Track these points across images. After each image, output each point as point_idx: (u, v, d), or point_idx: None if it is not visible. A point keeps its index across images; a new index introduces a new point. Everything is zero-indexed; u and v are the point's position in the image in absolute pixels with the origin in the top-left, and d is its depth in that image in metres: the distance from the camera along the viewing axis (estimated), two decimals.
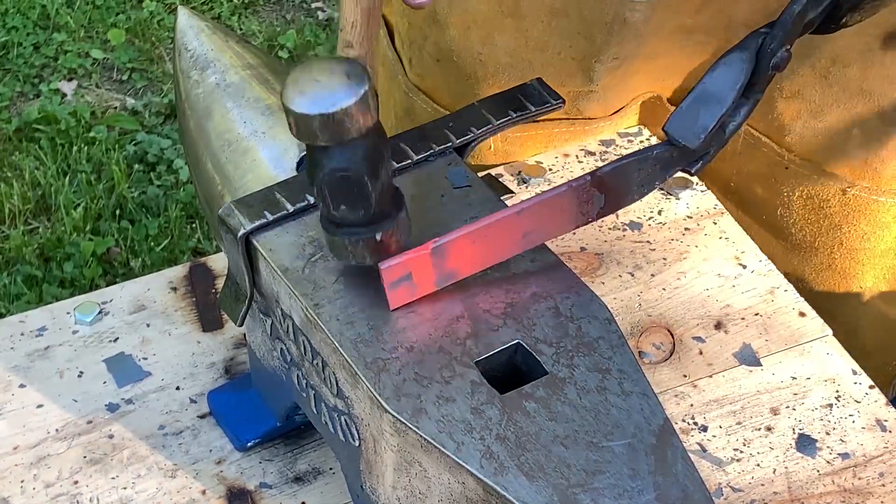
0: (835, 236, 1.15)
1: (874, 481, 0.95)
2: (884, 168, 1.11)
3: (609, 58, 1.10)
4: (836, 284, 1.19)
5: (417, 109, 1.21)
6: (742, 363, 1.02)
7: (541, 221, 0.84)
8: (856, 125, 1.10)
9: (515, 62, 1.12)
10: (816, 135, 1.12)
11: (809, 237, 1.16)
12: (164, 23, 2.97)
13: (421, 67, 1.19)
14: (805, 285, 1.18)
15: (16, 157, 2.58)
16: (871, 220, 1.14)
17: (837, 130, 1.11)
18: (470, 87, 1.15)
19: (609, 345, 0.81)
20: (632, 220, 1.13)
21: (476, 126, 0.92)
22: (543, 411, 0.78)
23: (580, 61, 1.11)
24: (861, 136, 1.10)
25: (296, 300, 0.84)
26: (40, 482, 0.95)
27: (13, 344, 1.04)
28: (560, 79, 1.11)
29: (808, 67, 1.08)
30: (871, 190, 1.12)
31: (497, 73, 1.13)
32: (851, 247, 1.16)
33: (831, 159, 1.12)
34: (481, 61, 1.13)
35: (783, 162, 1.14)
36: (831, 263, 1.17)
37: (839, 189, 1.13)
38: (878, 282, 1.18)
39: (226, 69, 0.96)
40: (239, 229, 0.86)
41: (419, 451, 0.78)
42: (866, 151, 1.11)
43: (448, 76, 1.17)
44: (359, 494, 0.86)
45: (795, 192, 1.14)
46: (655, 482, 0.75)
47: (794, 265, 1.18)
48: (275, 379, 0.92)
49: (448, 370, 0.79)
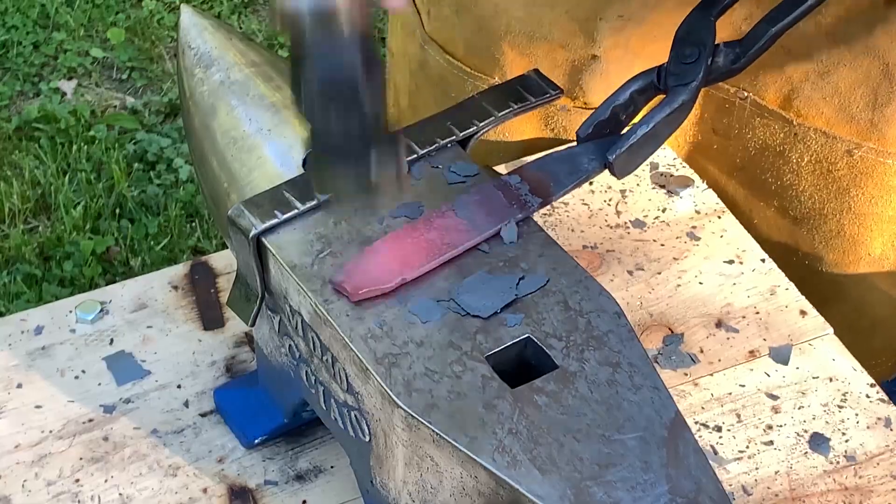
0: (843, 201, 1.16)
1: (876, 480, 0.95)
2: (888, 128, 1.13)
3: (614, 15, 1.12)
4: (845, 253, 1.19)
5: (431, 62, 1.24)
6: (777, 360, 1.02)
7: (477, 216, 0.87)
8: (861, 84, 1.12)
9: (527, 17, 1.15)
10: (823, 96, 1.13)
11: (819, 204, 1.18)
12: (163, 22, 2.97)
13: (439, 19, 1.22)
14: (815, 254, 1.19)
15: (15, 155, 2.58)
16: (879, 183, 1.15)
17: (843, 91, 1.12)
18: (483, 40, 1.18)
19: (619, 338, 0.81)
20: (636, 218, 1.14)
21: (478, 119, 0.93)
22: (555, 405, 0.78)
23: (584, 21, 1.13)
24: (867, 96, 1.12)
25: (305, 296, 0.84)
26: (41, 480, 0.95)
27: (14, 343, 1.04)
28: (564, 38, 1.14)
29: (814, 26, 1.09)
30: (877, 152, 1.14)
31: (510, 27, 1.16)
32: (859, 212, 1.17)
33: (838, 121, 1.14)
34: (497, 13, 1.16)
35: (792, 128, 1.15)
36: (840, 230, 1.18)
37: (846, 151, 1.14)
38: (887, 249, 1.19)
39: (230, 67, 0.96)
40: (250, 230, 0.85)
41: (431, 445, 0.78)
42: (871, 112, 1.12)
43: (464, 28, 1.20)
44: (369, 490, 0.86)
45: (804, 157, 1.16)
46: (668, 475, 0.75)
47: (803, 236, 1.19)
48: (282, 375, 0.92)
49: (459, 365, 0.80)
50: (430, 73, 1.25)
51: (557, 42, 1.15)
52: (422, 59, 1.25)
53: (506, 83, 0.97)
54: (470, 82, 1.21)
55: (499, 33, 1.17)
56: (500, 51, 1.18)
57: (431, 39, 1.23)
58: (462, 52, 1.21)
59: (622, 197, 1.15)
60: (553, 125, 1.21)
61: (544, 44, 1.16)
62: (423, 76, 1.26)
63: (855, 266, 1.20)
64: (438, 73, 1.23)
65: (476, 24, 1.18)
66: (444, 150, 0.92)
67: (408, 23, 1.27)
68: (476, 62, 1.20)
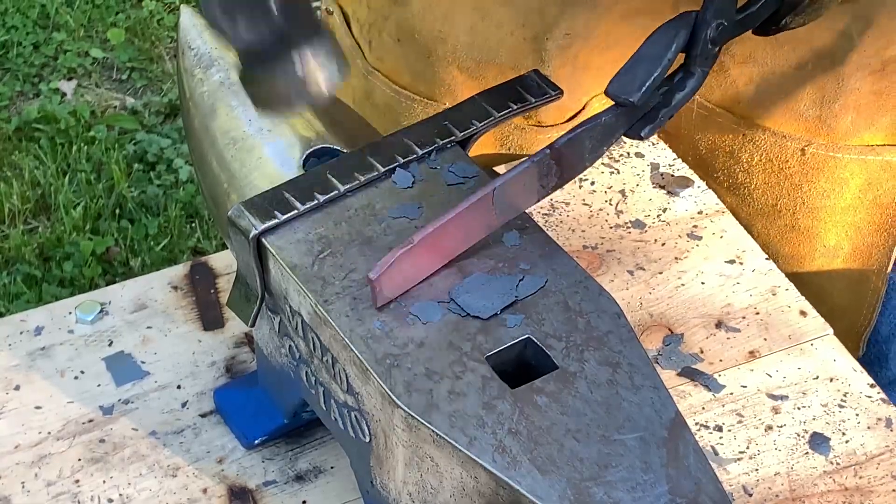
0: (796, 196, 1.18)
1: (876, 480, 0.95)
2: (837, 124, 1.14)
3: (561, 33, 1.11)
4: (801, 245, 1.21)
5: (377, 91, 1.23)
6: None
7: (509, 197, 0.86)
8: (808, 82, 1.13)
9: (473, 40, 1.14)
10: (771, 97, 1.14)
11: (772, 199, 1.19)
12: (163, 22, 2.97)
13: (381, 49, 1.21)
14: (772, 248, 1.20)
15: (15, 156, 2.58)
16: (830, 177, 1.16)
17: (790, 90, 1.13)
18: (430, 66, 1.17)
19: (619, 339, 0.81)
20: (636, 218, 1.14)
21: (478, 119, 0.93)
22: (555, 405, 0.78)
23: (532, 40, 1.13)
24: (813, 94, 1.13)
25: (305, 297, 0.84)
26: (41, 481, 0.95)
27: (13, 343, 1.04)
28: (513, 60, 1.13)
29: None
30: (827, 147, 1.15)
31: (456, 51, 1.15)
32: (813, 205, 1.18)
33: (787, 120, 1.15)
34: (442, 39, 1.15)
35: (740, 129, 1.17)
36: (794, 224, 1.19)
37: (797, 149, 1.15)
38: (841, 239, 1.20)
39: (230, 67, 0.96)
40: (250, 230, 0.85)
41: (431, 446, 0.78)
42: (819, 108, 1.13)
43: (408, 56, 1.18)
44: (368, 490, 0.86)
45: (755, 157, 1.17)
46: (668, 475, 0.75)
47: (760, 229, 1.20)
48: (282, 376, 0.92)
49: (459, 365, 0.80)
50: (376, 101, 1.23)
51: (507, 64, 1.14)
52: (367, 89, 1.24)
53: (505, 83, 0.96)
54: (419, 109, 1.20)
55: (446, 59, 1.16)
56: (450, 75, 1.17)
57: (375, 69, 1.22)
58: (408, 79, 1.20)
59: (622, 197, 1.15)
60: (509, 144, 1.20)
61: (493, 66, 1.15)
62: (368, 105, 1.24)
63: (811, 257, 1.21)
64: (385, 101, 1.22)
65: (421, 52, 1.17)
66: (444, 151, 0.92)
67: (347, 54, 1.26)
68: (424, 89, 1.19)
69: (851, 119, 1.13)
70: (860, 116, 1.13)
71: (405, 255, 0.81)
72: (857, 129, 1.14)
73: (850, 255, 1.21)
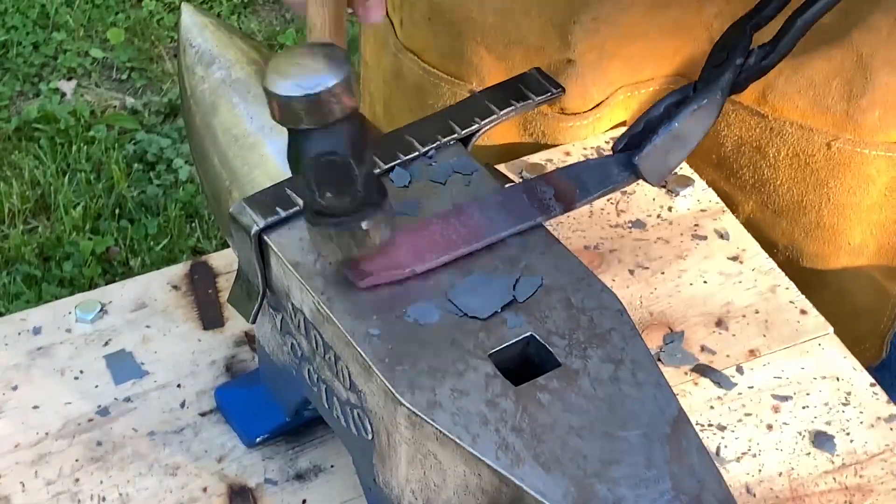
0: (822, 192, 1.17)
1: (876, 479, 0.95)
2: (864, 119, 1.13)
3: (588, 18, 1.12)
4: (825, 243, 1.20)
5: (405, 70, 1.23)
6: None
7: (498, 216, 0.87)
8: (836, 76, 1.12)
9: (501, 22, 1.15)
10: (798, 90, 1.14)
11: (797, 196, 1.18)
12: (163, 22, 2.97)
13: (412, 27, 1.22)
14: (796, 246, 1.20)
15: (15, 156, 2.58)
16: (856, 174, 1.16)
17: (818, 83, 1.13)
18: (458, 46, 1.18)
19: (621, 336, 0.81)
20: (637, 217, 1.14)
21: (480, 117, 0.93)
22: (558, 402, 0.78)
23: (559, 24, 1.13)
24: (841, 88, 1.13)
25: (307, 294, 0.83)
26: (41, 480, 0.95)
27: (13, 343, 1.03)
28: (540, 42, 1.14)
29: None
30: (854, 142, 1.14)
31: (484, 31, 1.16)
32: (838, 202, 1.17)
33: (813, 114, 1.14)
34: (471, 19, 1.16)
35: (767, 123, 1.16)
36: (819, 221, 1.19)
37: (823, 143, 1.15)
38: (866, 238, 1.20)
39: (231, 65, 0.96)
40: (252, 227, 0.85)
41: (434, 443, 0.77)
42: (847, 103, 1.13)
43: (438, 35, 1.19)
44: (371, 488, 0.86)
45: (781, 152, 1.17)
46: (671, 472, 0.75)
47: (784, 227, 1.20)
48: (284, 374, 0.91)
49: (462, 363, 0.79)
50: (404, 81, 1.24)
51: (533, 46, 1.14)
52: (396, 68, 1.25)
53: (507, 81, 0.96)
54: (446, 89, 1.20)
55: (475, 39, 1.17)
56: (478, 56, 1.17)
57: (405, 48, 1.23)
58: (437, 59, 1.21)
59: (623, 196, 1.15)
60: (532, 130, 1.20)
61: (520, 48, 1.15)
62: (397, 85, 1.25)
63: (836, 256, 1.21)
64: (413, 81, 1.23)
65: (450, 31, 1.18)
66: (446, 148, 0.92)
67: (380, 32, 1.27)
68: (452, 68, 1.20)
69: (878, 115, 1.13)
70: (887, 113, 1.13)
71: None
72: (884, 125, 1.14)
73: (874, 253, 1.21)
